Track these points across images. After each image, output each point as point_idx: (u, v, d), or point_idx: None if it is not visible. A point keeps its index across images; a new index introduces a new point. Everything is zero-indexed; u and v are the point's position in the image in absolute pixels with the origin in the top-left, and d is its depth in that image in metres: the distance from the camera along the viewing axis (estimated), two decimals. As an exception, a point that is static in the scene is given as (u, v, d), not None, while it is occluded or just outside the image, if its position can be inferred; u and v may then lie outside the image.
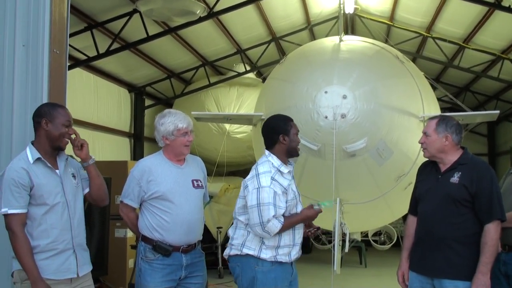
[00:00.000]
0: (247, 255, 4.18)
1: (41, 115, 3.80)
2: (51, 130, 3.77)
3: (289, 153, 4.32)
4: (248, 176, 4.24)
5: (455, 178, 4.02)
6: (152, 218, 4.31)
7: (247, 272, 4.19)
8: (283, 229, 4.14)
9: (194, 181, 4.45)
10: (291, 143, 4.29)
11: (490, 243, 3.86)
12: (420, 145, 4.33)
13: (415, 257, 4.22)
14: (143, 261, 4.33)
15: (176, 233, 4.28)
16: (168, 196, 4.28)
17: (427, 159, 4.37)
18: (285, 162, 4.29)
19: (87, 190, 4.07)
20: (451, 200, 3.99)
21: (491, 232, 3.88)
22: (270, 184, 4.09)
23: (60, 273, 3.70)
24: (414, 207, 4.39)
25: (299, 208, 4.31)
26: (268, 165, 4.20)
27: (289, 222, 4.16)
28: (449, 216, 3.99)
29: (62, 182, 3.81)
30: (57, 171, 3.82)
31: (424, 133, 4.22)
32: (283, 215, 4.14)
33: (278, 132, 4.28)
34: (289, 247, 4.22)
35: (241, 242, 4.22)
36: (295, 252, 4.28)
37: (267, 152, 4.30)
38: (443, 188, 4.06)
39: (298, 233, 4.28)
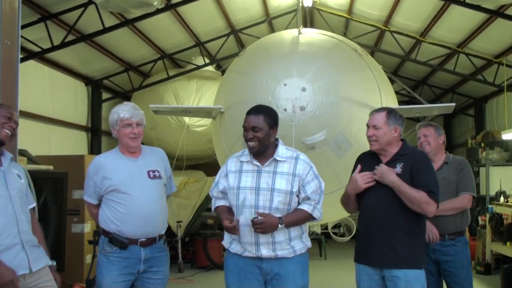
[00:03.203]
0: None
1: None
2: None
3: None
4: None
5: (397, 169, 4.09)
6: (109, 211, 4.29)
7: None
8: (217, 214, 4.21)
9: (150, 172, 4.38)
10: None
11: (417, 194, 3.93)
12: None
13: (361, 249, 4.25)
14: (101, 254, 4.31)
15: (133, 225, 4.23)
16: (121, 188, 4.23)
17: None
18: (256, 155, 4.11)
19: (32, 205, 4.01)
20: (394, 191, 4.04)
21: (426, 200, 3.94)
22: (224, 164, 4.26)
23: None
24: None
25: (241, 202, 3.97)
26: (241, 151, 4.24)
27: (219, 215, 4.16)
28: (393, 207, 4.04)
29: (5, 177, 3.72)
30: (1, 167, 3.74)
31: (373, 126, 4.19)
32: (225, 203, 4.19)
33: None
34: (237, 240, 4.07)
35: None
36: (248, 250, 4.01)
37: None
38: None
39: (244, 233, 4.00)
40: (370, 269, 4.16)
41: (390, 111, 4.25)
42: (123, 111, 4.35)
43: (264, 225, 3.84)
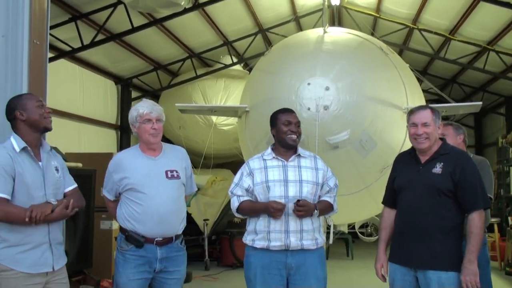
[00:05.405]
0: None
1: (12, 110, 3.75)
2: (29, 116, 3.72)
3: (281, 144, 4.39)
4: None
5: (437, 169, 4.03)
6: (125, 209, 4.33)
7: None
8: (244, 211, 4.34)
9: (168, 172, 4.37)
10: (278, 134, 4.39)
11: (476, 231, 3.89)
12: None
13: (397, 248, 4.20)
14: (118, 251, 4.37)
15: (148, 224, 4.24)
16: (138, 188, 4.26)
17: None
18: (280, 153, 4.37)
19: (68, 189, 4.01)
20: (434, 191, 3.99)
21: (476, 221, 3.90)
22: (244, 166, 4.43)
23: (36, 267, 3.64)
24: (391, 199, 4.38)
25: (272, 193, 4.23)
26: (261, 153, 4.49)
27: (250, 207, 4.32)
28: (432, 207, 3.98)
29: (44, 175, 3.76)
30: (40, 163, 3.76)
31: (423, 123, 4.09)
32: (250, 198, 4.32)
33: (271, 126, 4.50)
34: (264, 233, 4.22)
35: None
36: (276, 239, 4.17)
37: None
38: (426, 178, 4.05)
39: (275, 221, 4.19)
40: (404, 269, 4.11)
41: (432, 108, 4.22)
42: (142, 107, 4.36)
43: (307, 208, 4.14)
